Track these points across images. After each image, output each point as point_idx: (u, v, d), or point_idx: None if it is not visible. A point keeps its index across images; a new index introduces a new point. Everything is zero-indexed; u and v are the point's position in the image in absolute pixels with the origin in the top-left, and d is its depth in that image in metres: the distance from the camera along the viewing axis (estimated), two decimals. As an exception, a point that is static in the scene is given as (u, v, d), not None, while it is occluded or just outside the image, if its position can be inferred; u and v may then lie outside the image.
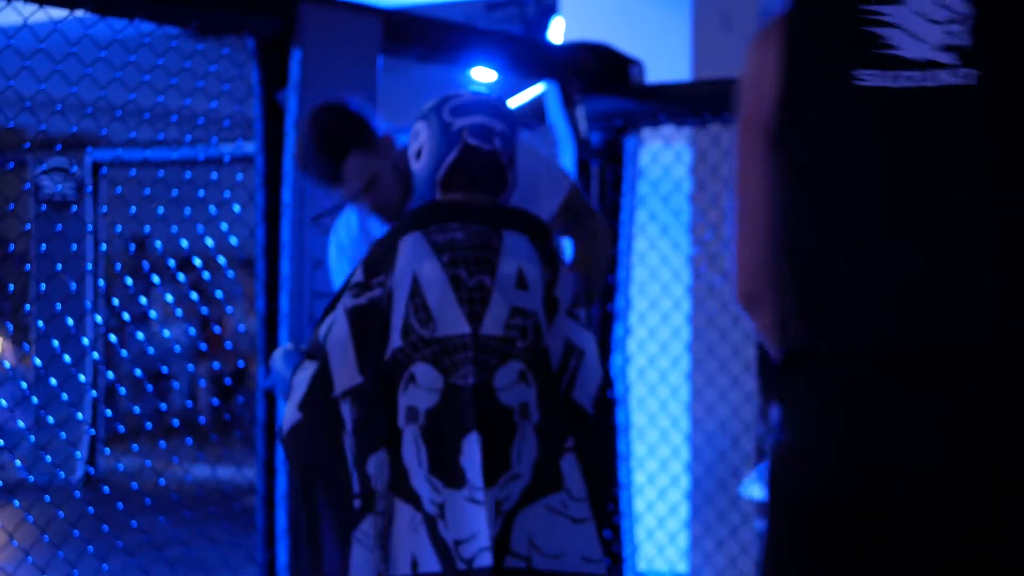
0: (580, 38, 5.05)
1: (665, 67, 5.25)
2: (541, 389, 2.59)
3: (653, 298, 5.18)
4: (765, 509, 1.91)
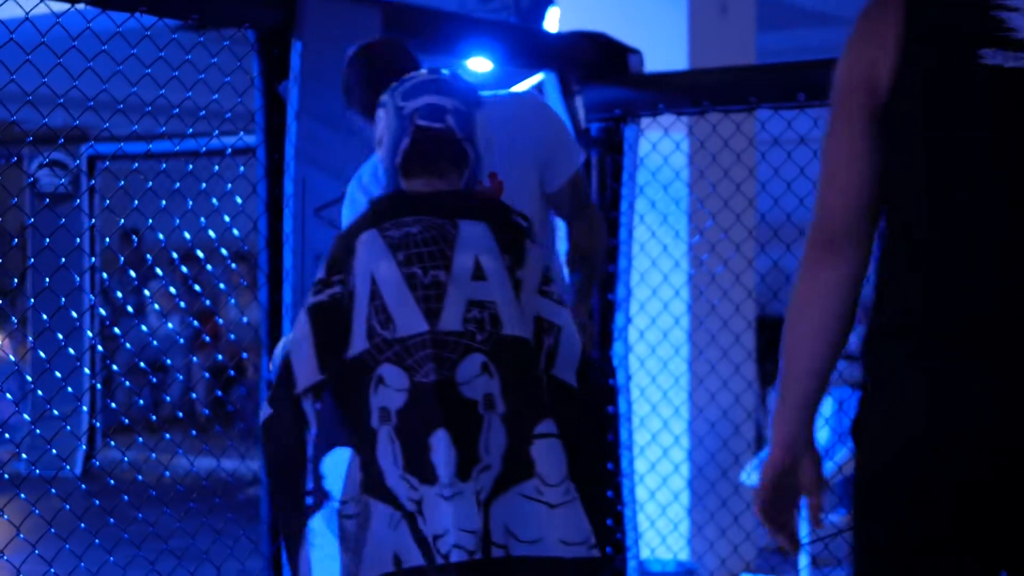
0: (577, 28, 5.05)
1: (661, 55, 5.25)
2: (504, 379, 2.60)
3: (654, 287, 5.19)
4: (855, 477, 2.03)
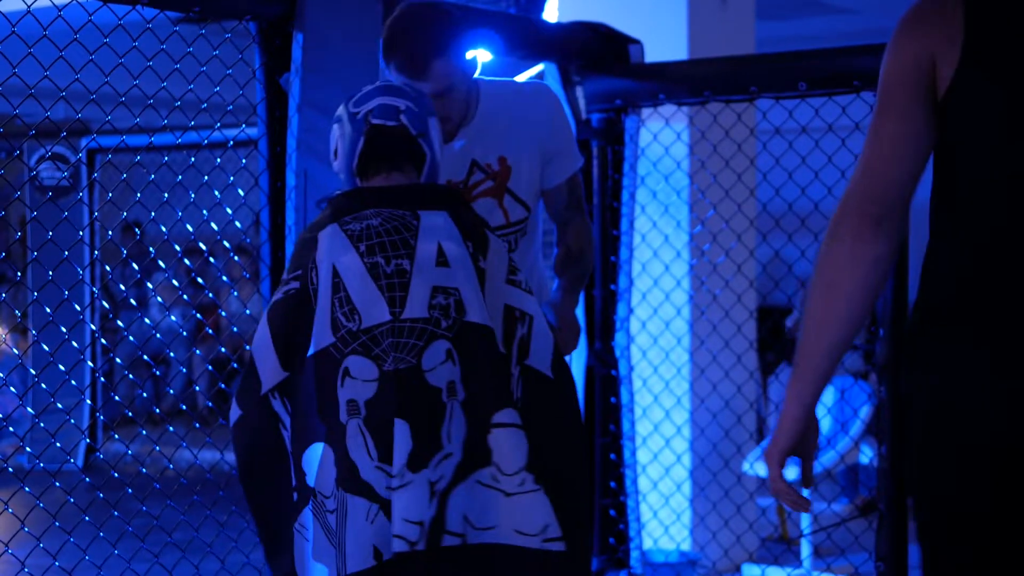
0: (577, 18, 5.04)
1: (661, 45, 5.24)
2: (466, 366, 2.61)
3: (655, 277, 5.19)
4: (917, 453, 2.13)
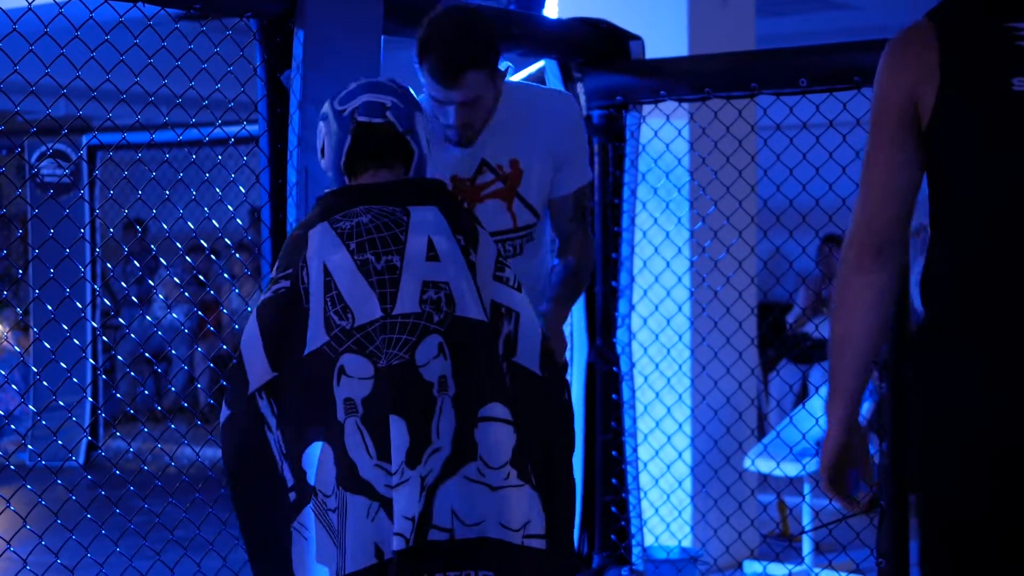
0: (577, 14, 5.04)
1: (661, 42, 5.23)
2: (456, 360, 2.61)
3: (656, 273, 5.18)
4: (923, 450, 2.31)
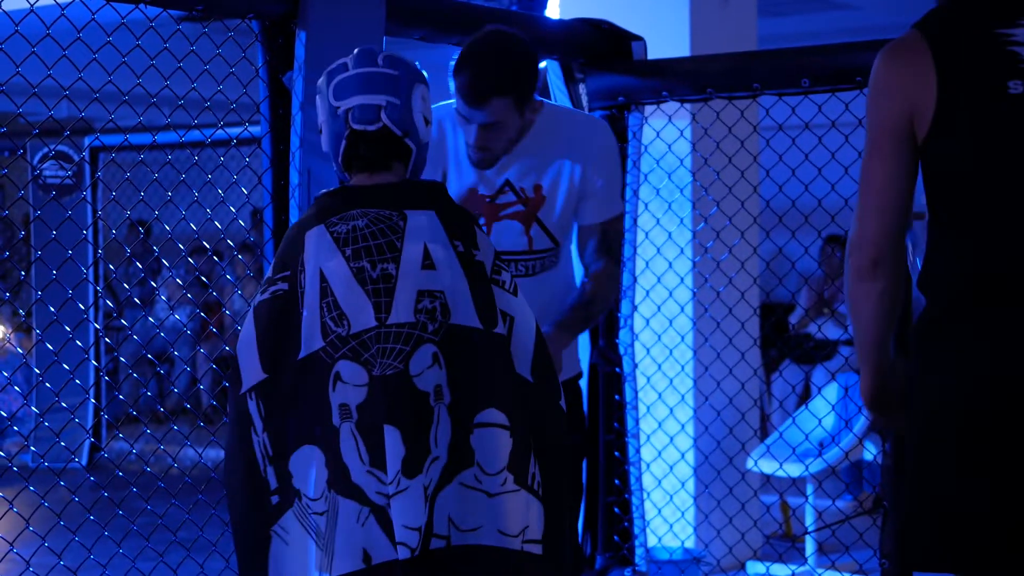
0: (578, 15, 5.04)
1: (663, 42, 5.23)
2: (452, 369, 2.60)
3: (659, 274, 5.18)
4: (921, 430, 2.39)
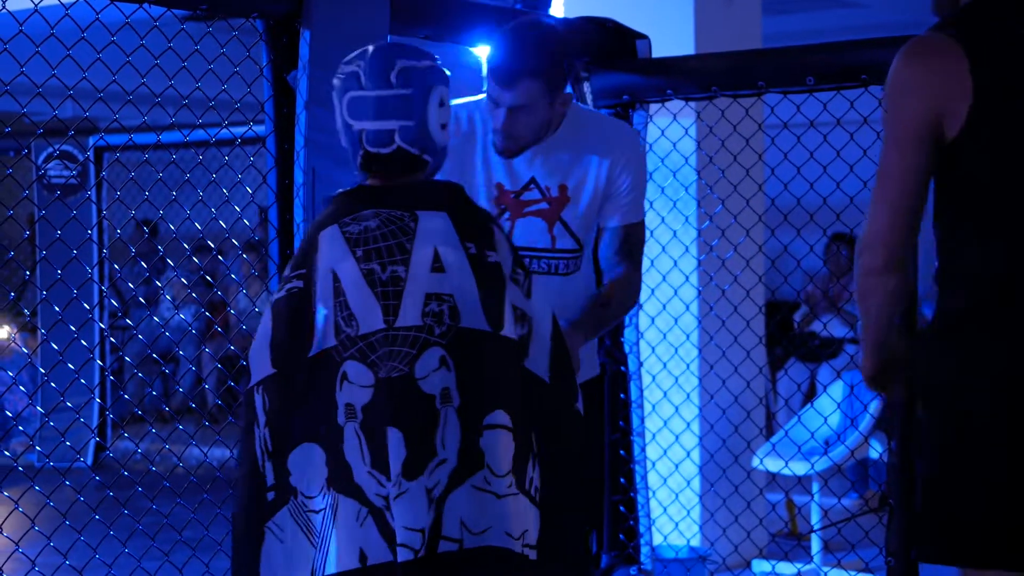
0: (583, 13, 5.03)
1: (667, 40, 5.23)
2: (461, 372, 2.60)
3: (664, 272, 5.18)
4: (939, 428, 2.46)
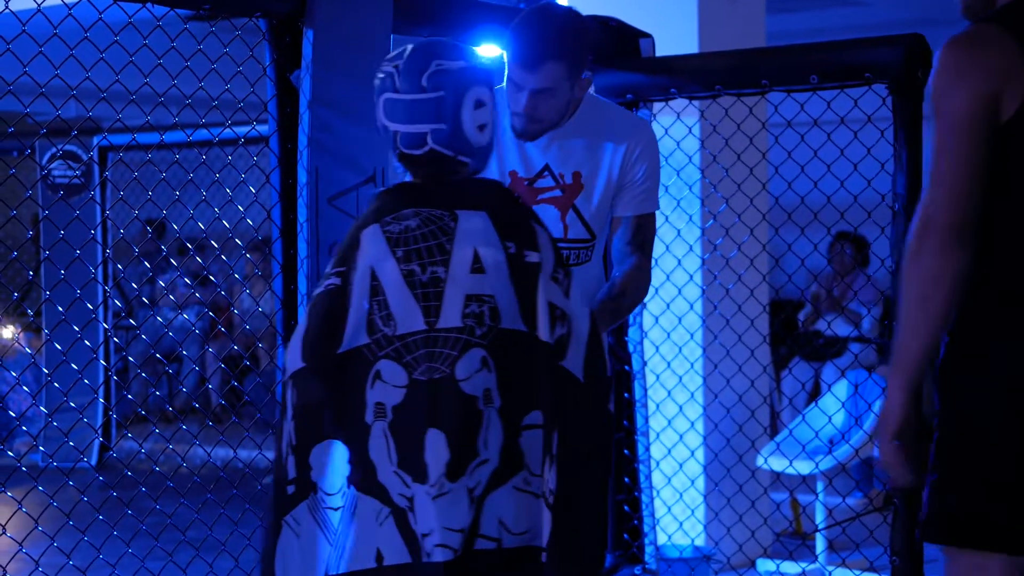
0: (586, 12, 5.02)
1: (671, 39, 5.22)
2: (502, 373, 2.60)
3: (667, 271, 5.17)
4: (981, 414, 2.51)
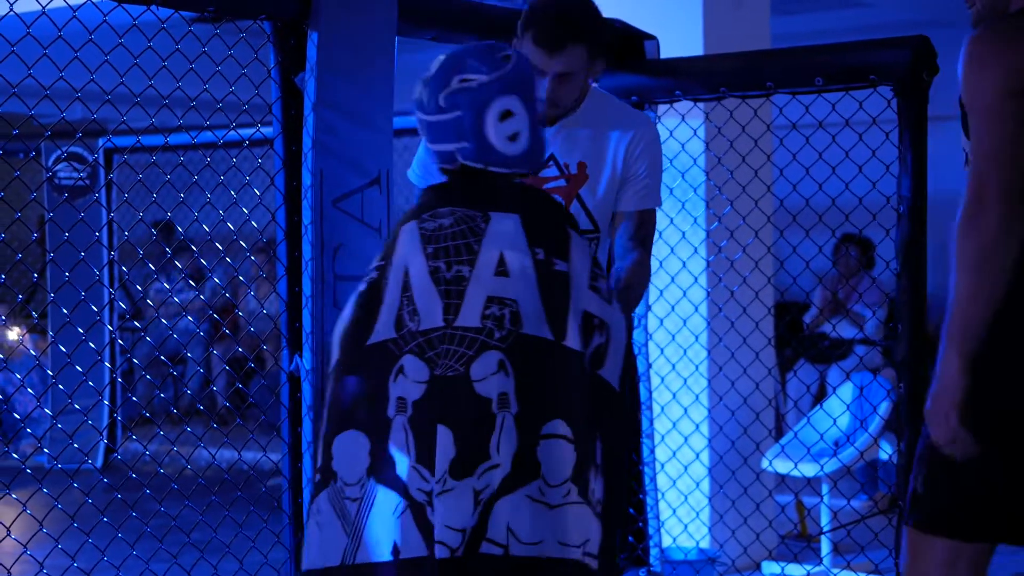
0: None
1: (675, 41, 5.22)
2: (520, 379, 2.59)
3: (672, 274, 5.17)
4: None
